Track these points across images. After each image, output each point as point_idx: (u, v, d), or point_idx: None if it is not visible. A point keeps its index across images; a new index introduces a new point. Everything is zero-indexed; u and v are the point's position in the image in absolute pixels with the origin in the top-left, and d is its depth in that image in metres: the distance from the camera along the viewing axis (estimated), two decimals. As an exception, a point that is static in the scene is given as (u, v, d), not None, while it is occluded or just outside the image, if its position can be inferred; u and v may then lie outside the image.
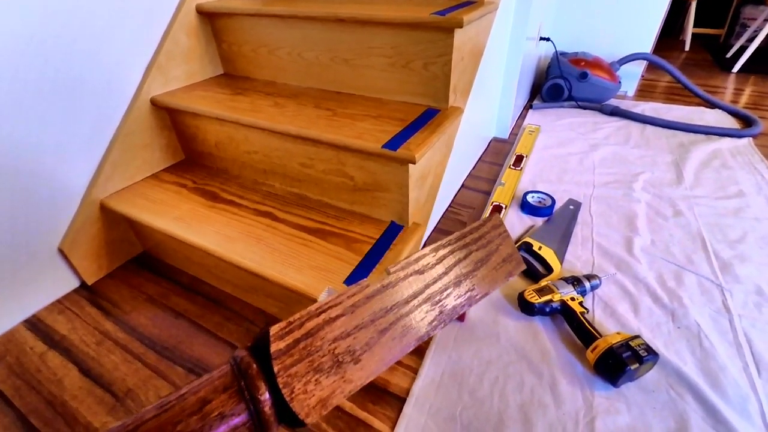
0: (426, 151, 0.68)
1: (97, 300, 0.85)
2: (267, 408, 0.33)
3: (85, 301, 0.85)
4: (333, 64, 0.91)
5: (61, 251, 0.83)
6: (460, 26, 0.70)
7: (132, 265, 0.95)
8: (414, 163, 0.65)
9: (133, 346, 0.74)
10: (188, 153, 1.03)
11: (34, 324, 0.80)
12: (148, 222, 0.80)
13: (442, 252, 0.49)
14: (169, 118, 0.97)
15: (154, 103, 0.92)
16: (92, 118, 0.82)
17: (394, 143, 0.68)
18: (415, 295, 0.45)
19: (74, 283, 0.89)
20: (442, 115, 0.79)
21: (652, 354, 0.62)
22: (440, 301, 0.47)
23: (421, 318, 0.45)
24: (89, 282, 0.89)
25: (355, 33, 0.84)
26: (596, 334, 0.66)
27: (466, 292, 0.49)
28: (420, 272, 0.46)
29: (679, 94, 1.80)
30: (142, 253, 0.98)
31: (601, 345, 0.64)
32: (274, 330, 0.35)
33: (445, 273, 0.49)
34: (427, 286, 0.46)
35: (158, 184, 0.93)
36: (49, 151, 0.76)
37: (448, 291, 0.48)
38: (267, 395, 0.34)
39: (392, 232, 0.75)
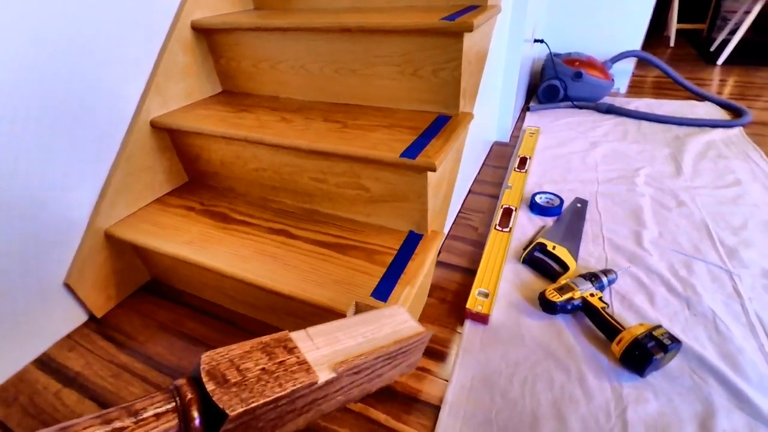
0: (444, 158, 0.68)
1: (108, 332, 0.82)
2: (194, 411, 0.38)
3: (95, 334, 0.82)
4: (338, 75, 0.90)
5: (67, 285, 0.79)
6: (470, 30, 0.70)
7: (140, 294, 0.92)
8: (434, 170, 0.65)
9: (151, 376, 0.72)
10: (192, 174, 1.01)
11: (44, 363, 0.77)
12: (158, 248, 0.78)
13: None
14: (170, 140, 0.95)
15: (154, 125, 0.89)
16: (93, 145, 0.79)
17: (411, 151, 0.68)
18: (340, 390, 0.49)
19: (82, 317, 0.85)
20: (454, 121, 0.80)
21: (676, 342, 0.64)
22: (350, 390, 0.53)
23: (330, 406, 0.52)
24: (98, 315, 0.85)
25: (360, 42, 0.83)
26: (619, 326, 0.68)
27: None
28: (356, 372, 0.49)
29: (668, 88, 1.85)
30: (150, 280, 0.95)
31: (626, 337, 0.65)
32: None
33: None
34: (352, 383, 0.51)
35: (164, 209, 0.90)
36: (52, 183, 0.73)
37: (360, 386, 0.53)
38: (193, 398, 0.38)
39: (412, 241, 0.76)
